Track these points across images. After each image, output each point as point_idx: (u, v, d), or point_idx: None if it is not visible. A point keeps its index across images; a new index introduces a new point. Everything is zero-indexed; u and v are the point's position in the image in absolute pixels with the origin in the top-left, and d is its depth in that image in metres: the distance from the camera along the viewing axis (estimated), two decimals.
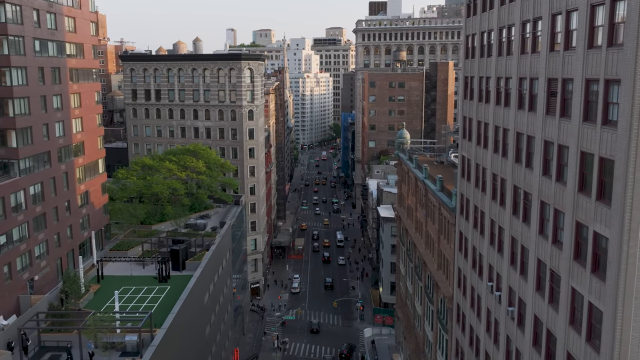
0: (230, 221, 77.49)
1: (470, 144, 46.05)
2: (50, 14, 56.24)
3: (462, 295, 49.06)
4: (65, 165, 59.69)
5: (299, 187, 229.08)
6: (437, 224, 58.79)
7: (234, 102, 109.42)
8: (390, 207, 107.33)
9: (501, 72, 38.31)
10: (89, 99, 65.20)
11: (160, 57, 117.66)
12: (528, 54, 33.48)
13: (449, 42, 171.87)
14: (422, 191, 65.72)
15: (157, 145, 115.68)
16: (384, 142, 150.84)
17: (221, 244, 69.55)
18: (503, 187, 38.07)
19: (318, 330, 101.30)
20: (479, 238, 43.67)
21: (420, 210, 68.71)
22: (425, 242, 65.76)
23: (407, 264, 79.83)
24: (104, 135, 68.14)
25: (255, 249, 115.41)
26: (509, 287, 37.00)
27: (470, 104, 45.88)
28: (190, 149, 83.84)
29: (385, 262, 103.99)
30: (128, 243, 67.61)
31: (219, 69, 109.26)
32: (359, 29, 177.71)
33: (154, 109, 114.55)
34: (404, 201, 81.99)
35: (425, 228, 65.35)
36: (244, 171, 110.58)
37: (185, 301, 51.64)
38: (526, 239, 33.80)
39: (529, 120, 33.26)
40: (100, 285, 57.16)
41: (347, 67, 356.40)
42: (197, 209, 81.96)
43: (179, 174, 78.16)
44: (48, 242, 55.93)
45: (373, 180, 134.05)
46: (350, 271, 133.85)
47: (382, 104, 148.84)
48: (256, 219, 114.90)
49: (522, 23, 34.35)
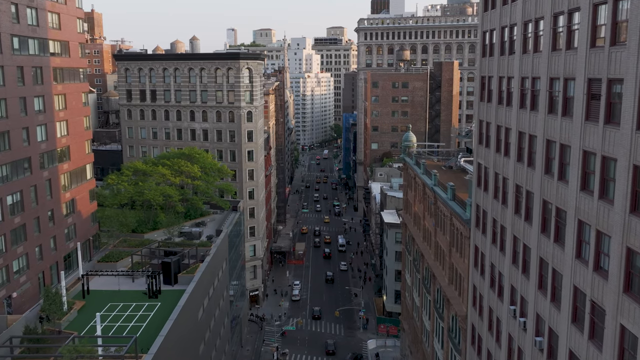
0: (227, 229, 73.32)
1: (488, 150, 41.84)
2: (31, 9, 52.09)
3: (478, 316, 44.86)
4: (49, 171, 55.53)
5: (299, 188, 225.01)
6: (449, 235, 54.58)
7: (232, 103, 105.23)
8: (394, 212, 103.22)
9: (527, 72, 34.09)
10: (76, 100, 61.03)
11: (156, 56, 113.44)
12: (561, 51, 29.27)
13: (453, 41, 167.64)
14: (431, 199, 61.52)
15: (152, 147, 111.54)
16: (387, 144, 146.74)
17: (217, 255, 65.39)
18: (529, 201, 33.86)
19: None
20: (498, 255, 39.47)
21: (428, 218, 64.50)
22: (435, 254, 61.56)
23: (413, 274, 75.65)
24: (97, 137, 63.83)
25: (254, 255, 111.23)
26: (536, 314, 32.79)
27: (489, 107, 41.65)
28: (185, 153, 79.58)
29: (390, 269, 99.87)
30: (117, 254, 63.39)
31: (217, 69, 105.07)
32: (361, 28, 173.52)
33: (149, 110, 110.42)
34: (410, 208, 77.81)
35: (435, 238, 61.15)
36: (243, 175, 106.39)
37: (176, 321, 47.50)
38: (559, 262, 29.59)
39: (563, 127, 29.05)
40: (85, 302, 52.94)
41: (349, 67, 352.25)
42: (192, 216, 77.79)
43: (173, 179, 73.95)
44: (28, 255, 51.79)
45: (376, 183, 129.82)
46: (352, 277, 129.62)
47: (385, 105, 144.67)
48: (255, 224, 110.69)
49: (554, 16, 30.14)
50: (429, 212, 64.23)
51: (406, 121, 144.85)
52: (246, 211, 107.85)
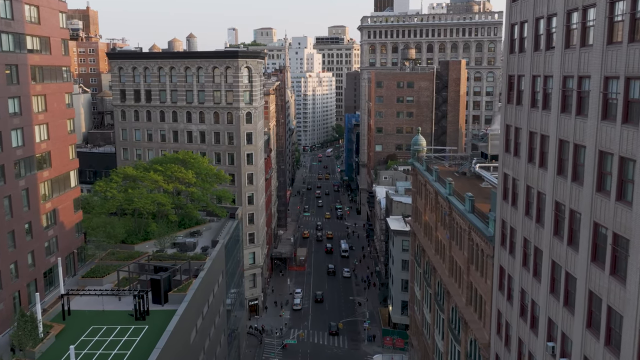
0: (223, 240, 68.14)
1: (517, 160, 36.67)
2: (5, 1, 46.98)
3: (504, 346, 39.71)
4: (26, 180, 50.41)
5: (300, 189, 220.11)
6: (466, 251, 49.43)
7: (231, 104, 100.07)
8: (400, 218, 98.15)
9: (571, 70, 28.94)
10: (57, 101, 55.90)
11: (151, 54, 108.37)
12: (622, 44, 24.10)
13: (459, 39, 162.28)
14: (445, 209, 56.38)
15: (147, 150, 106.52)
16: (391, 146, 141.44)
17: (212, 269, 60.23)
18: (574, 223, 28.73)
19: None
20: (531, 281, 34.33)
21: (441, 230, 59.34)
22: (450, 269, 56.39)
23: (424, 287, 70.50)
24: (91, 139, 58.71)
25: (253, 263, 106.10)
26: (584, 357, 27.66)
27: (518, 110, 36.47)
28: (179, 158, 74.31)
29: (396, 278, 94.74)
30: (104, 268, 58.22)
31: (214, 68, 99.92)
32: (364, 26, 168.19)
33: (144, 111, 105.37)
34: (419, 216, 72.67)
35: (449, 252, 55.98)
36: (242, 179, 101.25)
37: (165, 348, 42.42)
38: (619, 300, 24.43)
39: (624, 136, 23.90)
40: (64, 325, 47.84)
41: (350, 67, 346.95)
42: (186, 225, 72.62)
43: (166, 186, 68.76)
44: (1, 273, 46.67)
45: (381, 187, 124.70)
46: (356, 284, 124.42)
47: (390, 105, 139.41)
48: (255, 231, 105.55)
49: (609, 2, 24.99)
50: (442, 223, 59.09)
51: (412, 122, 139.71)
52: (245, 217, 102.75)
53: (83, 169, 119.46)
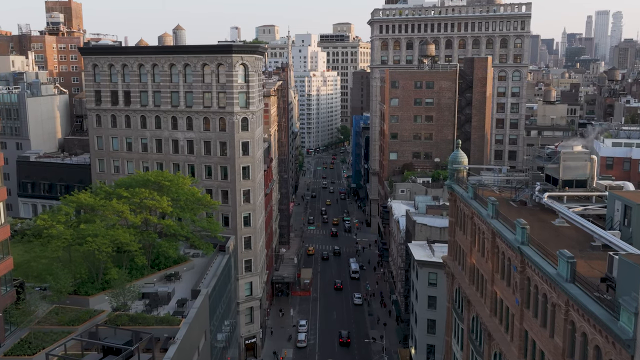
0: (207, 288, 52.08)
1: None
2: None
3: None
4: None
5: (304, 196, 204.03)
6: (561, 339, 33.06)
7: (224, 108, 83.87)
8: (425, 244, 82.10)
9: None
10: None
11: (129, 49, 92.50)
12: None
13: (482, 34, 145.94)
14: (515, 262, 40.07)
15: (126, 161, 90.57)
16: (407, 154, 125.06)
17: (188, 337, 44.16)
18: None
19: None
20: None
21: (504, 288, 43.02)
22: (519, 348, 39.96)
23: (468, 349, 54.17)
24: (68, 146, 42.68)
25: (250, 295, 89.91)
26: None
27: None
28: (150, 179, 57.94)
29: (420, 318, 78.65)
30: (38, 341, 42.07)
31: (204, 65, 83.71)
32: (375, 20, 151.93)
33: (122, 115, 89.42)
34: (461, 256, 56.42)
35: (520, 324, 39.62)
36: (237, 196, 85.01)
37: None
38: None
39: None
40: None
41: (356, 65, 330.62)
42: (161, 265, 56.55)
43: (132, 218, 52.49)
44: None
45: (397, 202, 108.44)
46: (369, 314, 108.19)
47: (406, 108, 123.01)
48: (252, 257, 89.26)
49: None
50: (505, 279, 42.80)
51: (431, 127, 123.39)
52: (241, 241, 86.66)
53: (54, 182, 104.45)
